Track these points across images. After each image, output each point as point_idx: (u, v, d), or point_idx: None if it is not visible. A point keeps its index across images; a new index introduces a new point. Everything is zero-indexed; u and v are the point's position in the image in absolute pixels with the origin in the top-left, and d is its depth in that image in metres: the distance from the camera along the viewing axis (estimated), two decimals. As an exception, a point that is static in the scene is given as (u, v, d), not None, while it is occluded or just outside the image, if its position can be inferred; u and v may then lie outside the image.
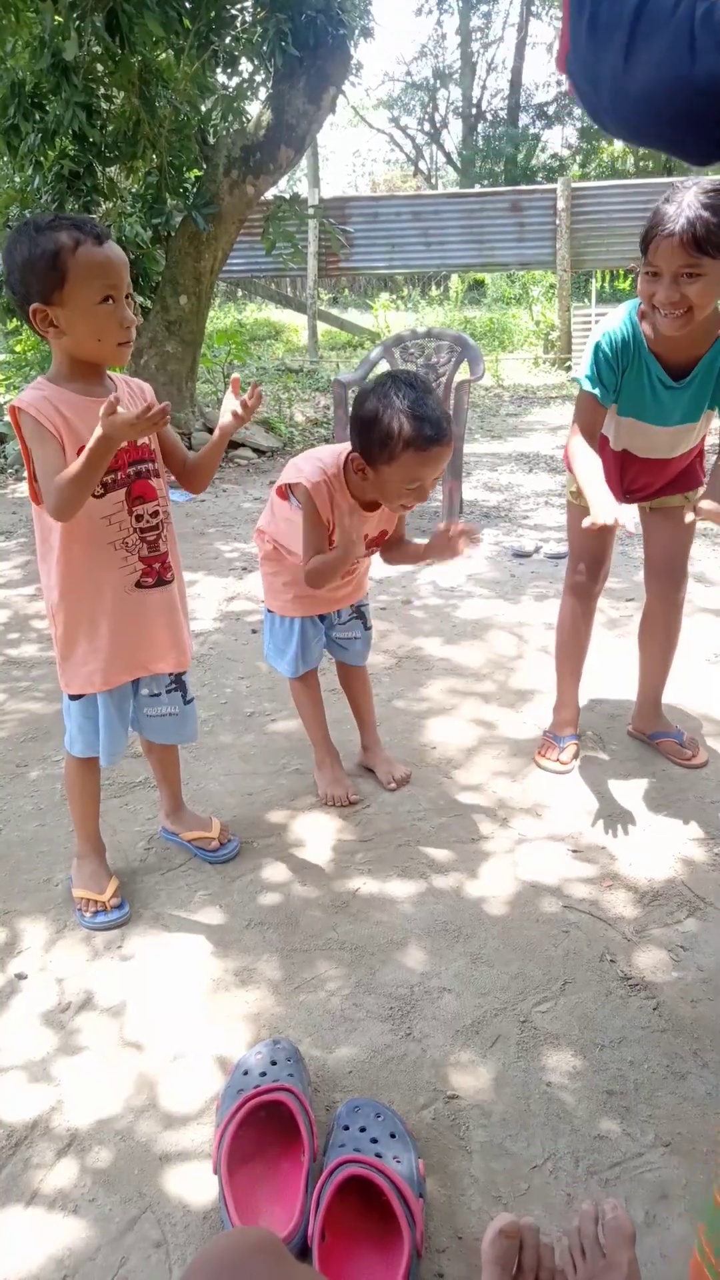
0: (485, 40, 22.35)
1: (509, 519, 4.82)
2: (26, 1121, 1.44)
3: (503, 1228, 1.04)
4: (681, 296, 1.77)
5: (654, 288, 1.80)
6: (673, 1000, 1.64)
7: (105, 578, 1.72)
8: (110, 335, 1.60)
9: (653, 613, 2.40)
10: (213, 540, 4.53)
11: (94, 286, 1.55)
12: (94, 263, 1.55)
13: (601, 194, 10.25)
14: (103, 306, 1.57)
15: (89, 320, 1.58)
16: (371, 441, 1.81)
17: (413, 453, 1.78)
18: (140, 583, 1.77)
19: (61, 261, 1.54)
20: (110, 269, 1.56)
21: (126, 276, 1.60)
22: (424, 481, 1.82)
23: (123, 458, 1.70)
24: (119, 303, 1.59)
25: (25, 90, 5.29)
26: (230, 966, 1.75)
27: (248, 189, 6.05)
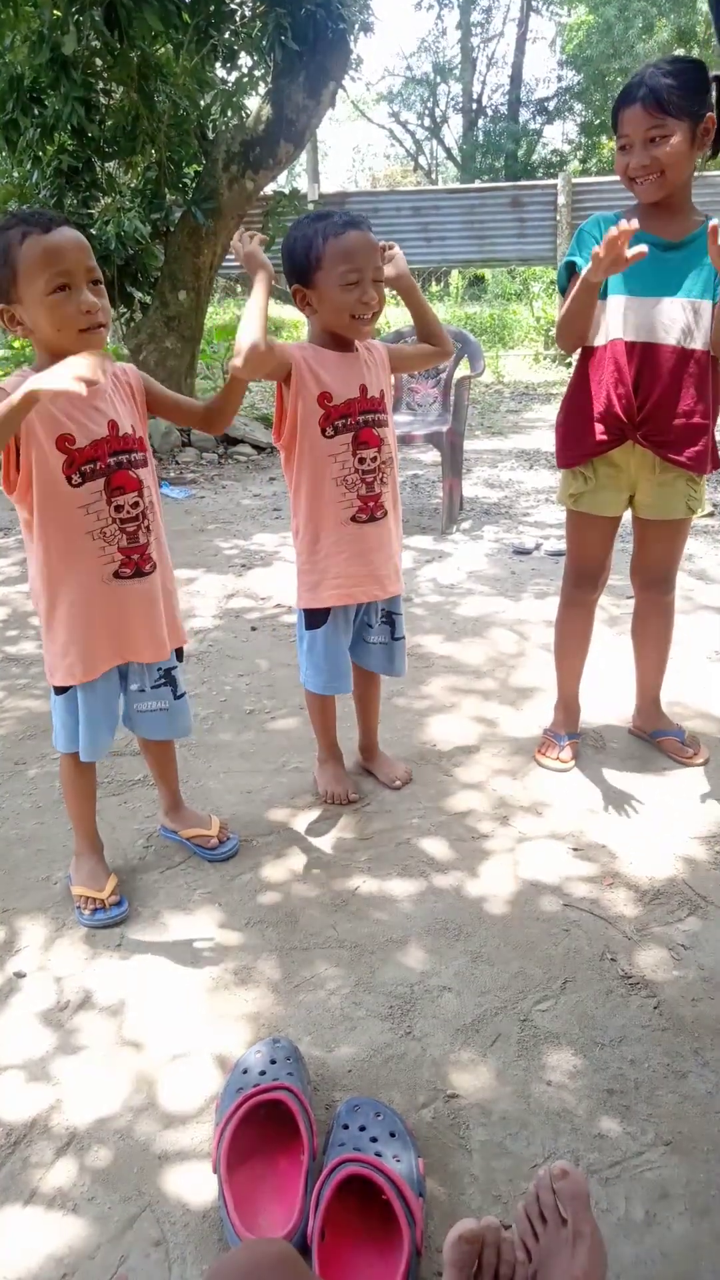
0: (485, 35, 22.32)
1: (509, 516, 4.81)
2: (25, 1120, 1.44)
3: (463, 1234, 1.04)
4: (652, 160, 1.86)
5: (626, 158, 1.91)
6: (673, 999, 1.63)
7: (83, 567, 1.71)
8: (69, 323, 1.55)
9: (644, 615, 2.39)
10: (212, 537, 4.52)
11: (44, 276, 1.52)
12: (40, 252, 1.51)
13: (602, 189, 10.22)
14: (56, 296, 1.53)
15: (45, 311, 1.55)
16: (296, 261, 1.89)
17: (331, 242, 1.83)
18: (118, 573, 1.75)
19: (10, 258, 1.52)
20: (58, 256, 1.52)
21: (83, 260, 1.56)
22: (359, 270, 1.83)
23: (103, 447, 1.68)
24: (75, 289, 1.54)
25: (24, 85, 5.29)
26: (229, 965, 1.75)
27: (247, 184, 6.04)
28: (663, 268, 1.96)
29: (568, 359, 10.02)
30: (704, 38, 16.61)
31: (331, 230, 1.84)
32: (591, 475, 2.15)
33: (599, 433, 2.08)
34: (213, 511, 5.02)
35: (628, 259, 1.76)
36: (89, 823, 1.95)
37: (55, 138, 5.47)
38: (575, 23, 18.84)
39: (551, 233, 10.06)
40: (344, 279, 1.83)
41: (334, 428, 1.95)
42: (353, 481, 1.99)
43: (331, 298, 1.87)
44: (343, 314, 1.88)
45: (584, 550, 2.27)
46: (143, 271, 6.19)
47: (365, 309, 1.86)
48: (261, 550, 4.29)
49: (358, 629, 2.19)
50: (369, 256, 1.85)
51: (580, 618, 2.35)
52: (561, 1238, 1.08)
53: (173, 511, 4.88)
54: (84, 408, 1.66)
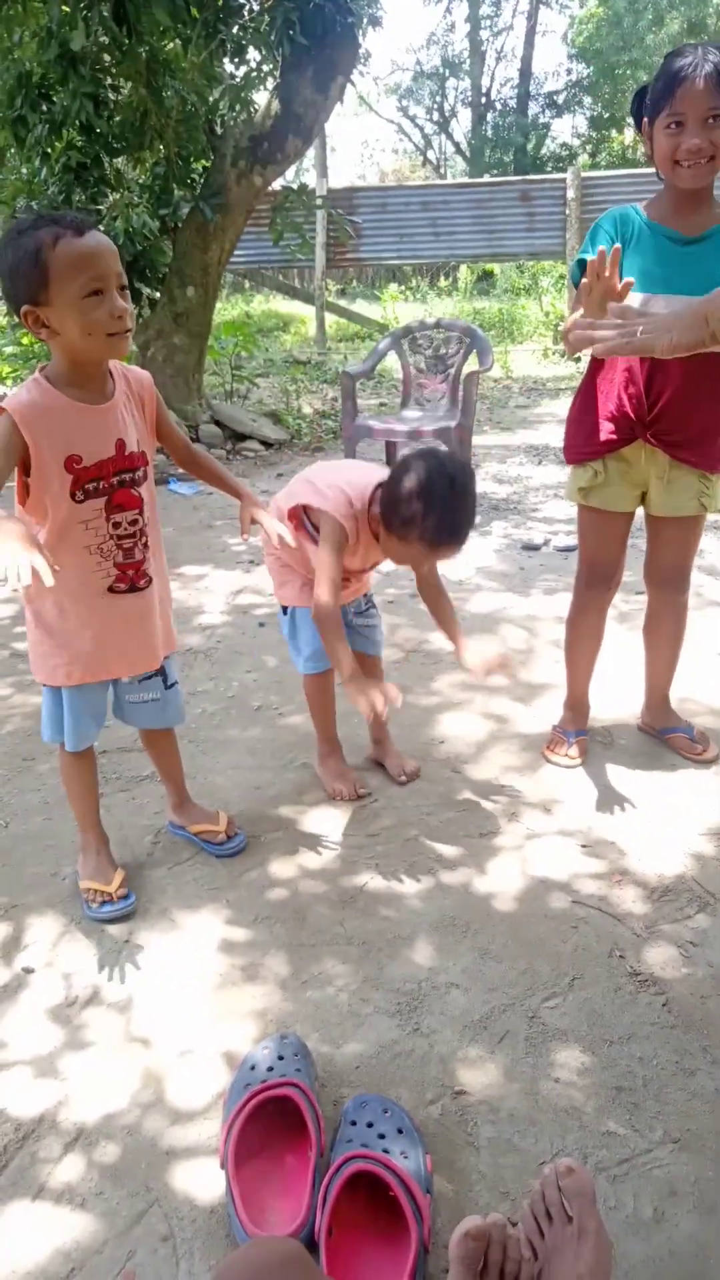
0: (495, 29, 22.20)
1: (518, 511, 4.80)
2: (34, 1116, 1.44)
3: (469, 1230, 1.04)
4: (709, 143, 1.78)
5: (677, 139, 1.81)
6: (682, 996, 1.63)
7: (79, 579, 1.71)
8: (99, 328, 1.55)
9: (657, 615, 2.36)
10: (220, 533, 4.52)
11: (78, 280, 1.51)
12: (75, 256, 1.50)
13: (612, 183, 10.19)
14: (89, 300, 1.52)
15: (77, 315, 1.53)
16: (394, 513, 1.89)
17: (425, 545, 1.88)
18: (113, 588, 1.76)
19: (42, 259, 1.50)
20: (93, 260, 1.52)
21: (114, 265, 1.55)
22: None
23: (109, 467, 1.68)
24: (107, 294, 1.54)
25: (32, 81, 5.29)
26: (237, 961, 1.75)
27: (255, 179, 6.02)
28: (679, 264, 1.92)
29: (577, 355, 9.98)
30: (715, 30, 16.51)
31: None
32: (601, 470, 2.13)
33: (609, 431, 2.07)
34: (221, 507, 5.02)
35: (619, 291, 1.72)
36: (93, 815, 1.95)
37: (64, 134, 5.47)
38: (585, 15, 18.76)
39: (561, 227, 10.02)
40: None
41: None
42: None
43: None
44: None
45: (595, 547, 2.25)
46: (151, 267, 6.18)
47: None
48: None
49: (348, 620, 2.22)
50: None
51: (593, 617, 2.33)
52: (567, 1235, 1.08)
53: (181, 508, 4.88)
54: (94, 427, 1.66)
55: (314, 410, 7.34)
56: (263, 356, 9.67)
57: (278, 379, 8.45)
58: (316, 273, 10.77)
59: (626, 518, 2.21)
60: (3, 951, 1.79)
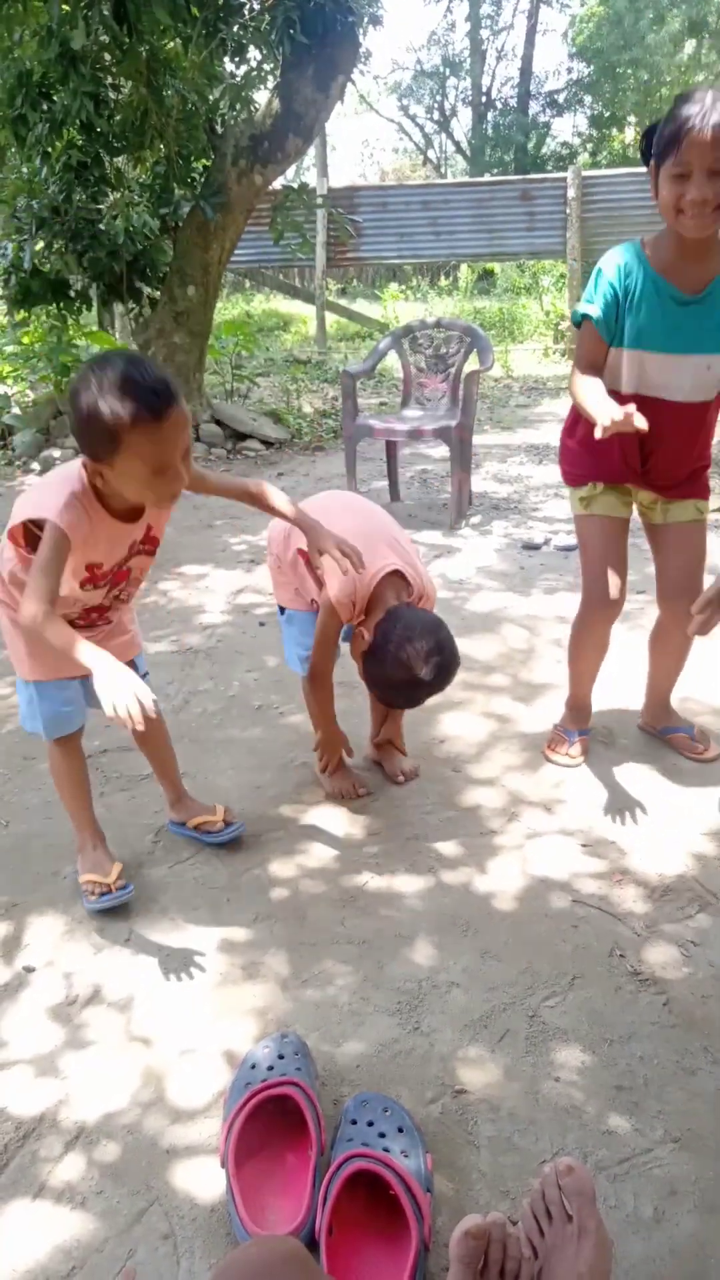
0: (495, 28, 22.16)
1: (519, 511, 4.80)
2: (34, 1115, 1.44)
3: (469, 1229, 1.04)
4: (715, 194, 1.75)
5: (682, 188, 1.77)
6: (683, 996, 1.63)
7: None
8: (157, 498, 1.61)
9: (667, 630, 2.32)
10: (220, 533, 4.52)
11: (148, 467, 1.52)
12: (150, 442, 1.49)
13: (612, 182, 10.17)
14: (155, 477, 1.55)
15: (137, 488, 1.58)
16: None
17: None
18: (75, 621, 1.83)
19: (117, 434, 1.48)
20: (166, 447, 1.51)
21: (183, 444, 1.55)
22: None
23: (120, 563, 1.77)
24: (172, 470, 1.55)
25: (33, 80, 5.28)
26: (238, 960, 1.75)
27: (256, 178, 6.02)
28: (680, 323, 1.94)
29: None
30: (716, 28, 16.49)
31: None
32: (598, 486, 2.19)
33: (600, 472, 2.15)
34: (221, 506, 5.01)
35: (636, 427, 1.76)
36: (86, 812, 1.96)
37: (64, 133, 5.47)
38: (585, 14, 18.73)
39: (561, 227, 10.01)
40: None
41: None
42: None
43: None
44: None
45: (600, 558, 2.20)
46: (151, 267, 6.18)
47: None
48: (270, 545, 4.28)
49: None
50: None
51: (598, 633, 2.28)
52: (567, 1234, 1.08)
53: (181, 507, 4.85)
54: (120, 537, 1.72)
55: (314, 409, 7.34)
56: (263, 356, 9.67)
57: (278, 378, 8.45)
58: (317, 272, 10.76)
59: (625, 523, 2.24)
60: (4, 950, 1.79)
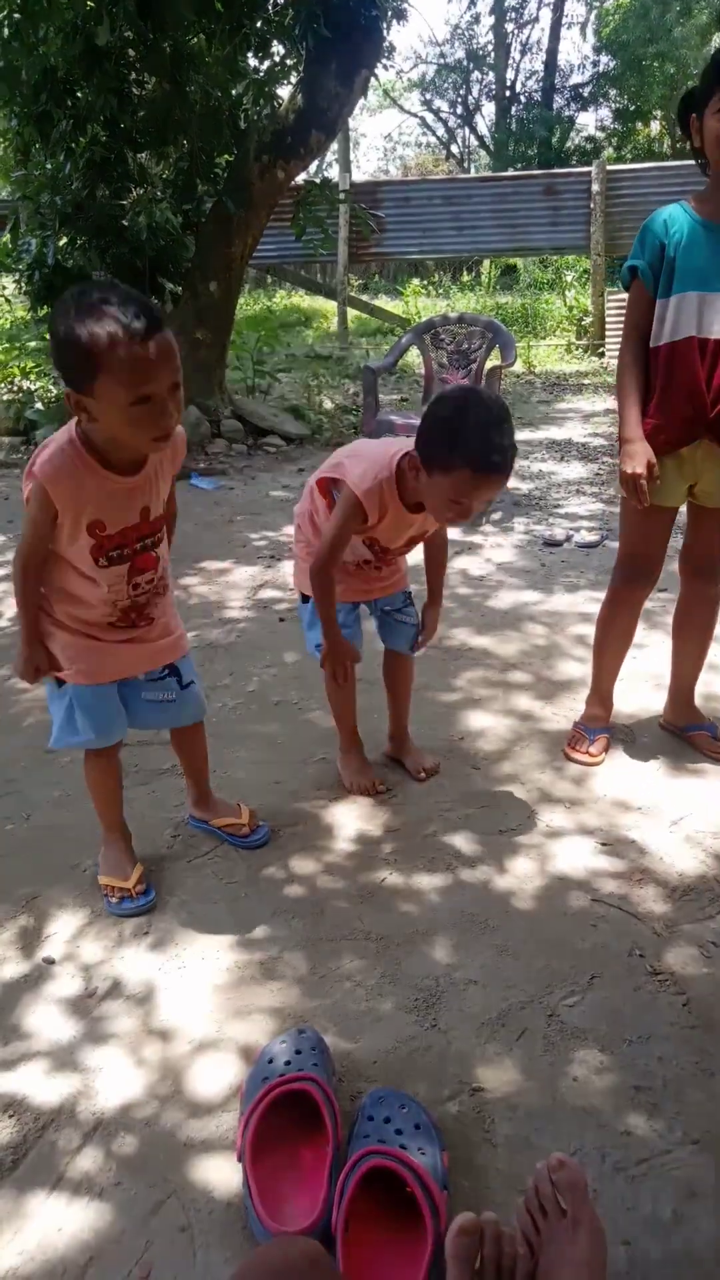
0: (520, 21, 22.05)
1: (541, 507, 4.78)
2: (53, 1106, 1.45)
3: (461, 1225, 1.05)
4: None
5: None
6: (703, 997, 1.62)
7: (85, 616, 1.74)
8: (144, 433, 1.48)
9: (690, 608, 2.34)
10: (241, 528, 4.53)
11: (128, 388, 1.41)
12: (131, 364, 1.38)
13: (637, 176, 10.11)
14: (139, 408, 1.43)
15: (122, 419, 1.45)
16: (434, 444, 1.76)
17: (470, 474, 1.71)
18: (115, 624, 1.78)
19: (96, 356, 1.38)
20: (150, 369, 1.40)
21: (172, 374, 1.44)
22: (470, 503, 1.76)
23: (131, 534, 1.67)
24: (157, 401, 1.44)
25: (57, 76, 5.31)
26: (255, 955, 1.75)
27: (278, 174, 6.02)
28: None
29: (600, 349, 9.91)
30: (743, 20, 16.31)
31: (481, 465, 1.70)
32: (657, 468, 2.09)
33: (669, 432, 2.05)
34: (242, 503, 5.03)
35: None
36: (115, 813, 1.96)
37: (88, 129, 5.49)
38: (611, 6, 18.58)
39: (585, 221, 9.96)
40: (461, 499, 1.74)
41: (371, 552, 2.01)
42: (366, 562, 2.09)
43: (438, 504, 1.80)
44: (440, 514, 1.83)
45: (642, 544, 2.21)
46: (174, 263, 6.20)
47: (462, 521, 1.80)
48: (290, 542, 4.29)
49: (384, 615, 2.26)
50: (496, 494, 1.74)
51: (627, 616, 2.30)
52: (562, 1227, 1.09)
53: (202, 503, 4.89)
54: (122, 497, 1.63)
55: (335, 405, 7.34)
56: (284, 351, 9.67)
57: (299, 374, 8.44)
58: (339, 267, 10.76)
59: (674, 512, 2.19)
60: (24, 942, 1.80)
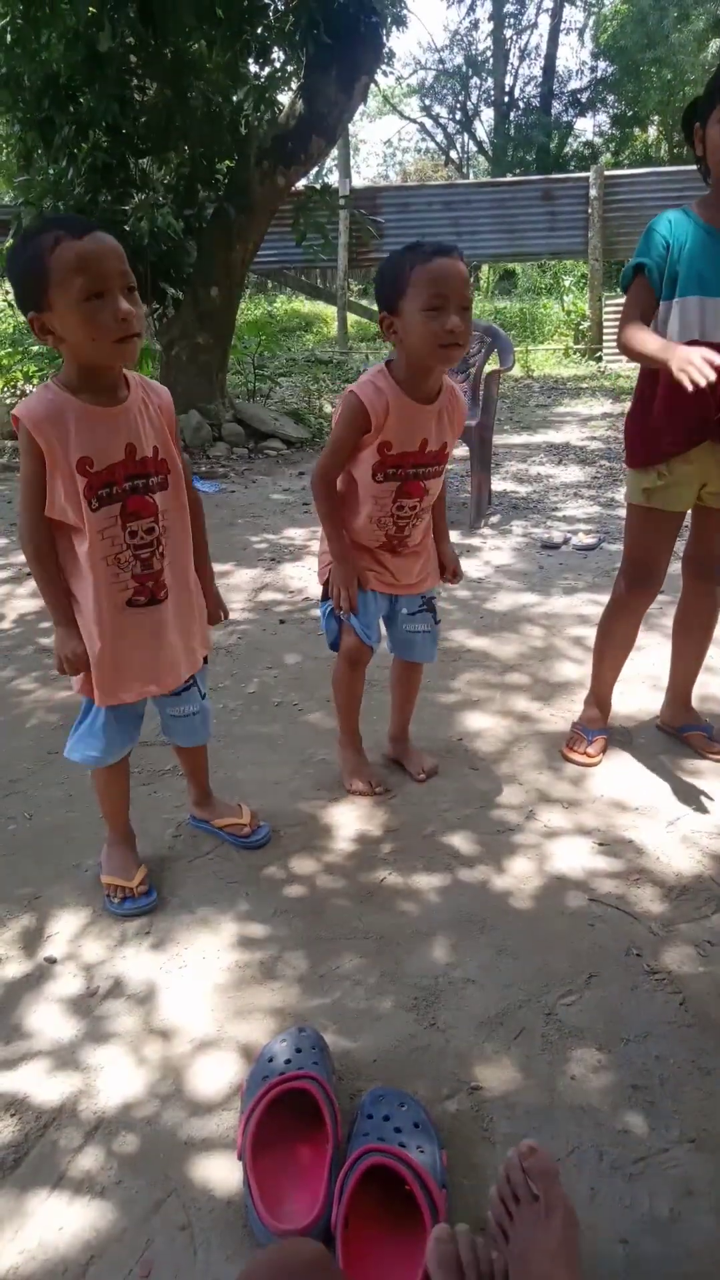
0: (518, 27, 22.11)
1: (539, 511, 4.79)
2: (54, 1105, 1.46)
3: (436, 1235, 1.08)
4: None
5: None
6: (699, 996, 1.62)
7: (100, 594, 1.68)
8: (104, 333, 1.49)
9: (692, 609, 2.35)
10: (242, 531, 4.54)
11: (78, 284, 1.45)
12: (74, 258, 1.45)
13: (635, 182, 10.15)
14: (91, 303, 1.47)
15: (78, 320, 1.48)
16: (385, 286, 1.87)
17: (422, 268, 1.79)
18: (132, 601, 1.72)
19: (43, 264, 1.46)
20: (93, 262, 1.46)
21: (117, 265, 1.49)
22: (444, 297, 1.79)
23: (119, 471, 1.63)
24: (109, 295, 1.48)
25: (59, 82, 5.32)
26: (256, 954, 1.76)
27: (279, 179, 6.04)
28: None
29: (598, 354, 9.94)
30: (741, 27, 16.36)
31: (420, 257, 1.82)
32: (666, 472, 2.10)
33: (676, 435, 2.05)
34: (243, 505, 5.04)
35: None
36: (122, 816, 1.98)
37: (90, 135, 5.50)
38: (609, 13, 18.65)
39: (583, 227, 9.99)
40: (428, 304, 1.80)
41: (384, 474, 1.99)
42: (385, 523, 2.05)
43: (415, 327, 1.83)
44: (429, 342, 1.83)
45: (648, 549, 2.20)
46: (175, 268, 6.21)
47: (450, 336, 1.82)
48: (291, 544, 4.30)
49: (399, 621, 2.21)
50: (457, 284, 1.81)
51: (629, 621, 2.30)
52: (533, 1212, 1.12)
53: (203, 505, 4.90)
54: (104, 430, 1.61)
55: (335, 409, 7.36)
56: (285, 356, 9.70)
57: (300, 378, 8.47)
58: (339, 272, 10.79)
59: (681, 517, 2.19)
60: (26, 942, 1.81)
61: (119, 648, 1.73)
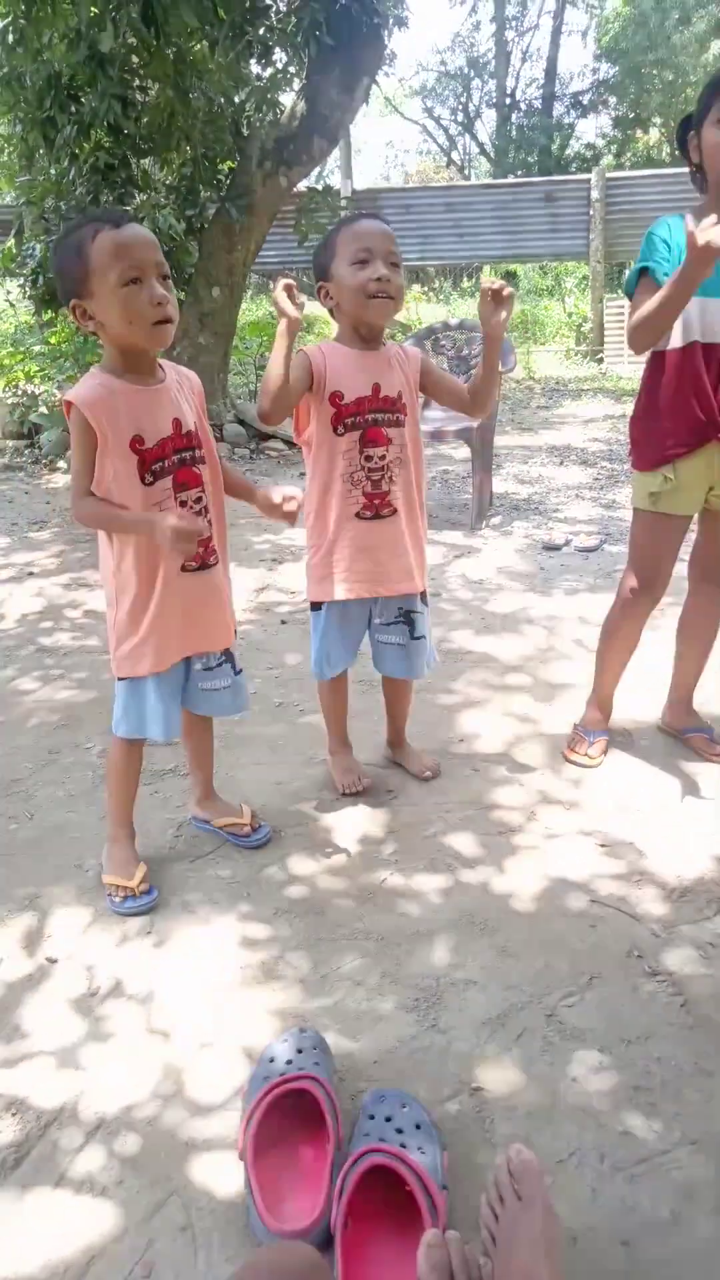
0: (520, 29, 22.13)
1: (540, 512, 4.79)
2: (55, 1106, 1.46)
3: (427, 1241, 1.09)
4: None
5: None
6: (701, 997, 1.62)
7: (154, 563, 1.77)
8: (141, 317, 1.60)
9: (698, 612, 2.34)
10: (243, 531, 4.54)
11: (115, 269, 1.57)
12: (112, 246, 1.57)
13: (636, 184, 10.14)
14: (129, 288, 1.58)
15: (117, 304, 1.59)
16: (318, 257, 1.95)
17: (344, 230, 1.89)
18: (185, 566, 1.81)
19: (84, 253, 1.58)
20: (129, 249, 1.57)
21: (152, 255, 1.61)
22: (369, 250, 1.85)
23: (169, 445, 1.73)
24: (145, 281, 1.59)
25: (61, 82, 5.33)
26: (257, 955, 1.76)
27: (281, 180, 6.05)
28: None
29: (599, 355, 9.94)
30: (743, 29, 16.38)
31: (346, 223, 1.91)
32: (673, 475, 2.09)
33: (681, 435, 2.05)
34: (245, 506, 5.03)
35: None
36: (128, 809, 1.98)
37: (92, 135, 5.51)
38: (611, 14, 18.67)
39: (585, 228, 9.99)
40: (354, 258, 1.86)
41: (344, 425, 1.98)
42: (358, 479, 2.01)
43: (345, 281, 1.89)
44: (358, 295, 1.88)
45: (654, 554, 2.20)
46: (177, 268, 6.23)
47: (378, 285, 1.86)
48: (292, 545, 4.30)
49: (372, 629, 2.19)
50: (380, 239, 1.87)
51: (634, 625, 2.30)
52: (518, 1210, 1.14)
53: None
54: (151, 406, 1.71)
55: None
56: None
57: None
58: (340, 273, 10.79)
59: (688, 520, 2.19)
60: (27, 941, 1.81)
61: (177, 611, 1.81)
